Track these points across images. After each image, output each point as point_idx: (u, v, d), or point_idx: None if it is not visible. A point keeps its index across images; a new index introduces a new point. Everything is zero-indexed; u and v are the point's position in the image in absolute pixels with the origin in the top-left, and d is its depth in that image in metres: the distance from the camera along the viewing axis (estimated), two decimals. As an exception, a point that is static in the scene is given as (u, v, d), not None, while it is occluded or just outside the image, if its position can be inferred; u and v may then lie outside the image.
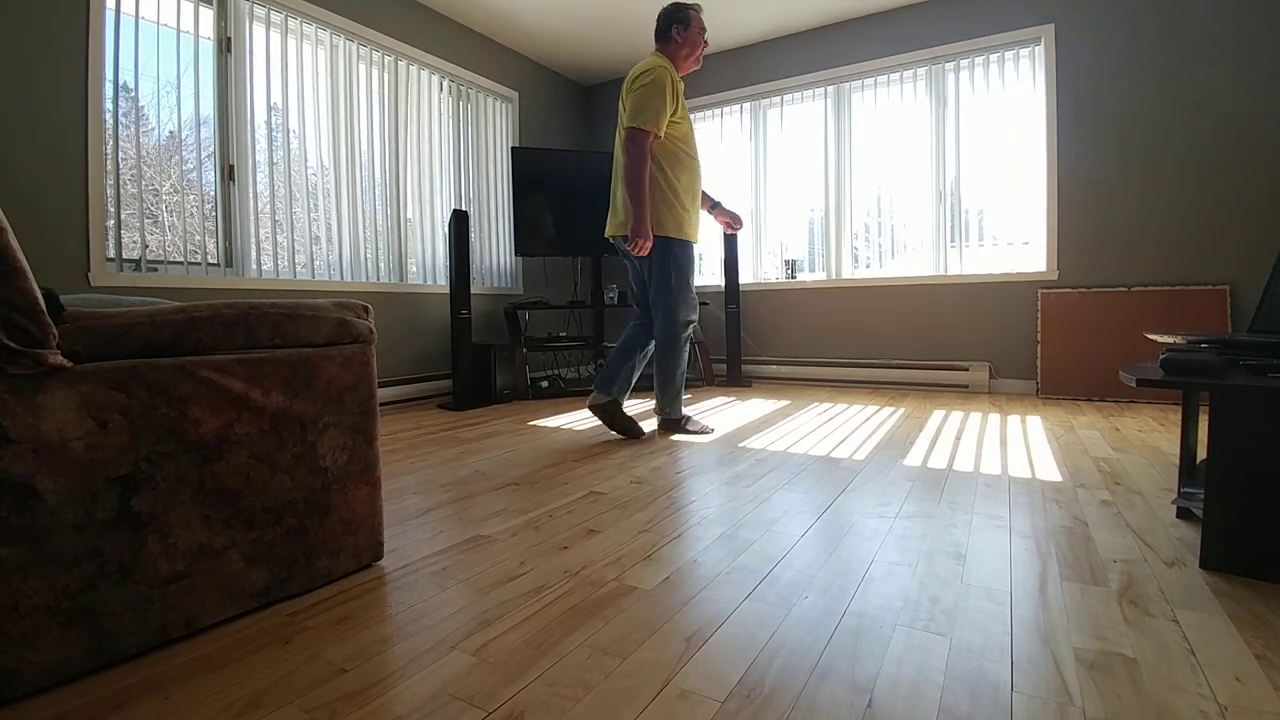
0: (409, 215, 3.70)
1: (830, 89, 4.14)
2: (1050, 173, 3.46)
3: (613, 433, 2.53)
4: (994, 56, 3.64)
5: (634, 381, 2.50)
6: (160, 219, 2.72)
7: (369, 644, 0.95)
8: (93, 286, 2.36)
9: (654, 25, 2.44)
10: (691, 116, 4.68)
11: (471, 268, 3.82)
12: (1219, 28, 3.07)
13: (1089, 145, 3.37)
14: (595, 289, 4.19)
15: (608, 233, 2.49)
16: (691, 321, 2.46)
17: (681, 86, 2.38)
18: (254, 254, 2.93)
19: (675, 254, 2.39)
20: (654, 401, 2.53)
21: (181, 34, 2.68)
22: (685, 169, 2.41)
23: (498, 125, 4.31)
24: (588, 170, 4.02)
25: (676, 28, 2.40)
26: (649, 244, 2.29)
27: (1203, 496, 1.21)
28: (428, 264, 3.82)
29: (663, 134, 2.30)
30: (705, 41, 2.47)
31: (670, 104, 2.29)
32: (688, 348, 2.48)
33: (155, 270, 2.62)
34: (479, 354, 3.57)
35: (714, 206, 2.70)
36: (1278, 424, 1.09)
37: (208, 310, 1.00)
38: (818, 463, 2.06)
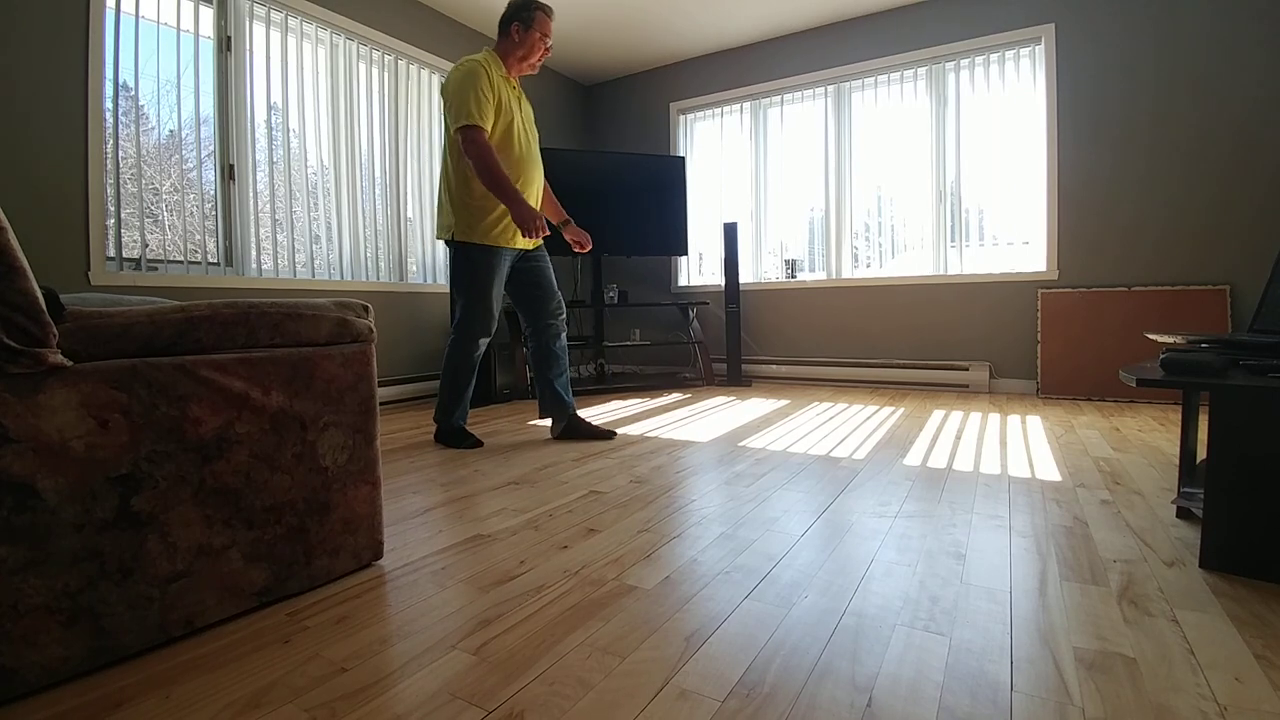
0: (409, 215, 3.70)
1: (830, 89, 4.14)
2: (1050, 172, 3.46)
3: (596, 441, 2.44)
4: (994, 56, 3.64)
5: (566, 388, 2.44)
6: (160, 218, 2.72)
7: (369, 643, 0.95)
8: (93, 286, 2.36)
9: (647, 23, 2.27)
10: (691, 116, 4.70)
11: (471, 267, 3.81)
12: (1218, 28, 3.07)
13: (1089, 145, 3.37)
14: (595, 289, 4.19)
15: (436, 235, 2.36)
16: (482, 339, 2.30)
17: (503, 85, 2.21)
18: (254, 253, 2.93)
19: (472, 258, 2.23)
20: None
21: (181, 33, 2.68)
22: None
23: (498, 125, 4.31)
24: (587, 170, 4.02)
25: (516, 25, 2.22)
26: (542, 221, 2.13)
27: (1203, 496, 1.21)
28: (428, 264, 3.82)
29: (489, 126, 2.14)
30: (547, 49, 2.28)
31: (489, 94, 2.13)
32: (474, 365, 2.33)
33: (155, 270, 2.62)
34: (479, 353, 3.57)
35: (563, 222, 2.52)
36: (1278, 424, 1.09)
37: (208, 310, 1.00)
38: (818, 462, 2.06)
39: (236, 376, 1.01)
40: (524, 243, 2.33)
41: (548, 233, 2.18)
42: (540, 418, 2.51)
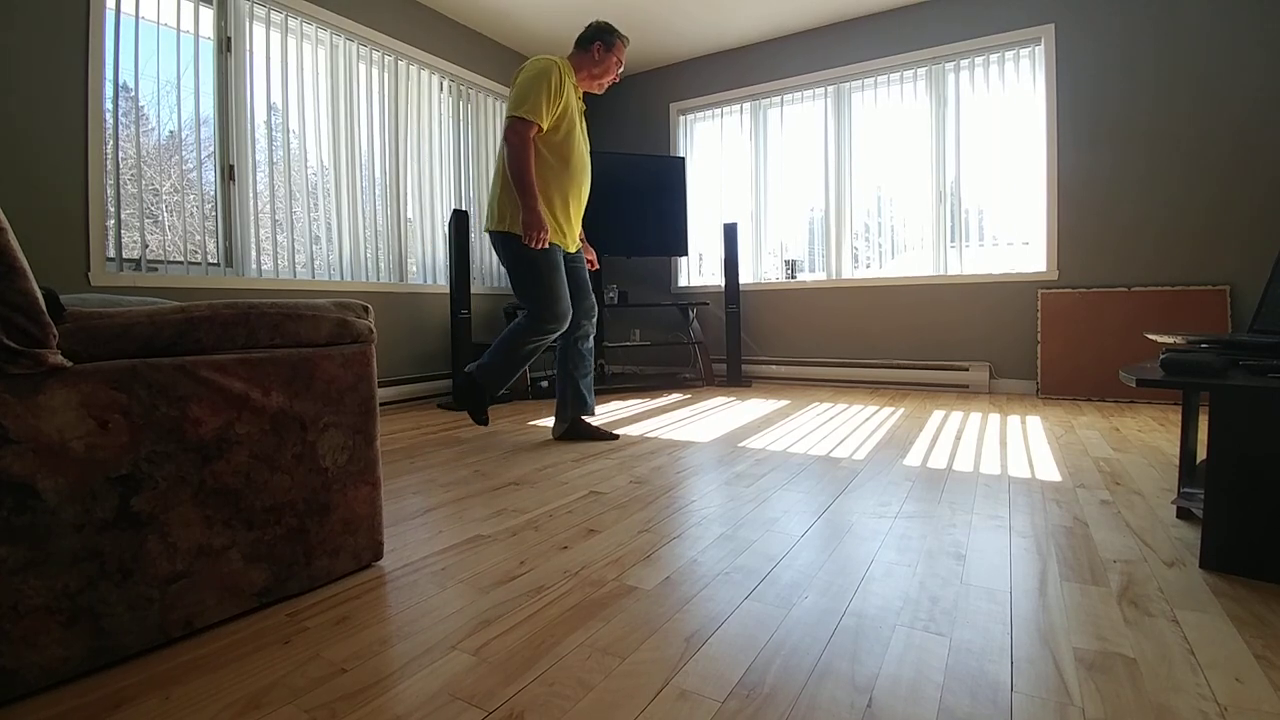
0: (409, 215, 3.70)
1: (830, 89, 4.15)
2: (1050, 173, 3.46)
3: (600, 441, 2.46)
4: (994, 56, 3.64)
5: (590, 389, 2.45)
6: (160, 219, 2.72)
7: (369, 644, 0.95)
8: (93, 286, 2.36)
9: (647, 23, 2.31)
10: (691, 117, 4.70)
11: (471, 268, 3.82)
12: (1218, 28, 3.07)
13: (1089, 145, 3.37)
14: (595, 289, 4.19)
15: (484, 227, 2.34)
16: (548, 336, 2.28)
17: (572, 92, 2.28)
18: (254, 254, 2.93)
19: (529, 252, 2.21)
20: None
21: (181, 34, 2.68)
22: (553, 174, 2.25)
23: (497, 125, 4.31)
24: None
25: (599, 44, 2.32)
26: (545, 235, 2.16)
27: (1203, 496, 1.21)
28: (428, 264, 3.82)
29: (545, 126, 2.18)
30: (618, 76, 2.40)
31: (555, 95, 2.18)
32: (532, 354, 2.31)
33: (155, 270, 2.62)
34: (479, 354, 3.57)
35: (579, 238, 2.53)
36: (1278, 424, 1.09)
37: (208, 310, 1.00)
38: (818, 462, 2.06)
39: (236, 377, 1.01)
40: (567, 246, 2.36)
41: (545, 245, 2.18)
42: (558, 415, 2.48)
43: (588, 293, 2.44)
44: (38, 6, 2.24)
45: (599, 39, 2.33)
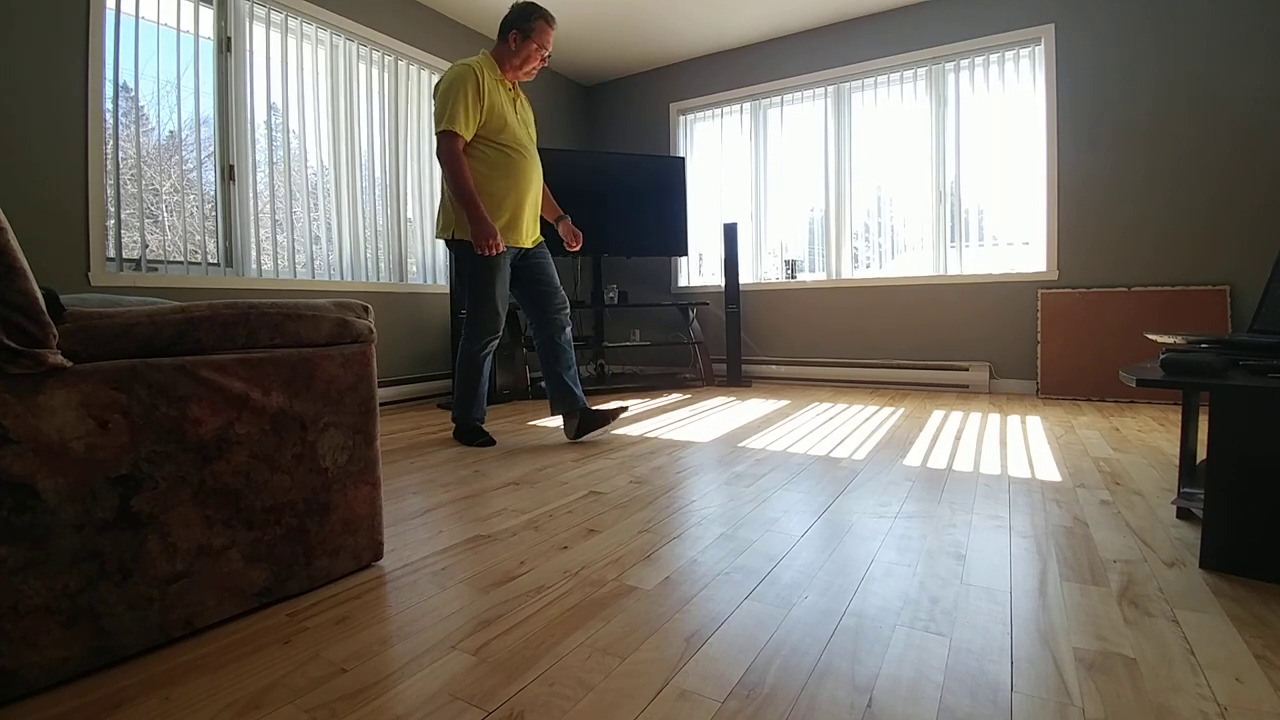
0: (409, 215, 3.70)
1: (830, 89, 4.15)
2: (1050, 173, 3.46)
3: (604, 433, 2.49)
4: (994, 56, 3.64)
5: (575, 381, 2.43)
6: (160, 219, 2.72)
7: (369, 644, 0.95)
8: (93, 286, 2.36)
9: (647, 23, 2.29)
10: (691, 117, 4.70)
11: (471, 268, 3.81)
12: (1218, 28, 3.07)
13: (1089, 145, 3.37)
14: (595, 289, 4.19)
15: (436, 235, 2.38)
16: (489, 339, 2.32)
17: (496, 87, 2.22)
18: (254, 254, 2.93)
19: (472, 258, 2.22)
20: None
21: (181, 34, 2.68)
22: (495, 168, 2.23)
23: (498, 125, 4.31)
24: (588, 170, 4.02)
25: (515, 33, 2.22)
26: (497, 240, 2.15)
27: (1203, 496, 1.21)
28: (428, 264, 3.82)
29: (469, 135, 2.16)
30: (543, 59, 2.30)
31: (474, 101, 2.15)
32: (486, 366, 2.38)
33: (155, 270, 2.62)
34: (479, 354, 3.57)
35: (559, 219, 2.58)
36: (1278, 424, 1.09)
37: (208, 310, 1.00)
38: (818, 463, 2.05)
39: (236, 377, 1.01)
40: (522, 240, 2.34)
41: (501, 249, 2.18)
42: (551, 414, 2.50)
43: (556, 288, 2.44)
44: (38, 6, 2.24)
45: (515, 27, 2.23)
